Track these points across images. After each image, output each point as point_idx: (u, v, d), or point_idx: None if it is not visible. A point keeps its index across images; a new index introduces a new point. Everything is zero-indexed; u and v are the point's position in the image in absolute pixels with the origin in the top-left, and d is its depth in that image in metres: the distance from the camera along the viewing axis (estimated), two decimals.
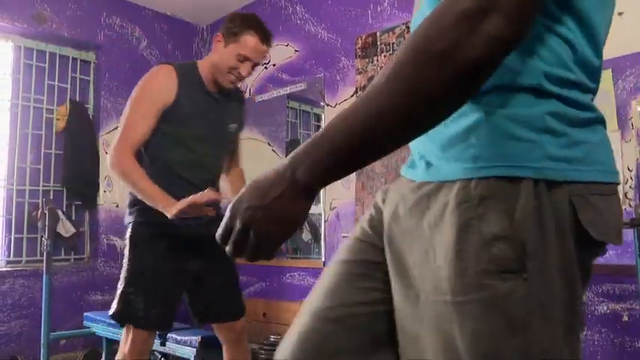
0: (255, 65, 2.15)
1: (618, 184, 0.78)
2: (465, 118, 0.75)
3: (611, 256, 2.68)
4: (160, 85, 2.08)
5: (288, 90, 4.10)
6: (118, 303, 2.11)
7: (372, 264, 0.89)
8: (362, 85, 3.60)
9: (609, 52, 2.58)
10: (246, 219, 0.73)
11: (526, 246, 0.67)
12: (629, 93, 2.55)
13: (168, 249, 2.08)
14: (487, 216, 0.69)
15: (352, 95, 3.67)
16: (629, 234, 2.54)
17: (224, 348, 2.30)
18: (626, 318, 2.51)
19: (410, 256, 0.80)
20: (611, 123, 2.61)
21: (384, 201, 0.92)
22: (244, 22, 2.11)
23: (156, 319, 2.06)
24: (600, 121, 0.79)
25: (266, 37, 2.12)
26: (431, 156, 0.80)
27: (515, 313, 0.67)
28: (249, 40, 2.07)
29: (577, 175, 0.71)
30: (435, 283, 0.74)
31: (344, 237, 3.50)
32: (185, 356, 2.49)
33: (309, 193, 0.72)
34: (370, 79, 3.54)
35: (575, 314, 0.74)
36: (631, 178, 2.61)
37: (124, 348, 2.07)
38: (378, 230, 0.90)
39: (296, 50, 4.04)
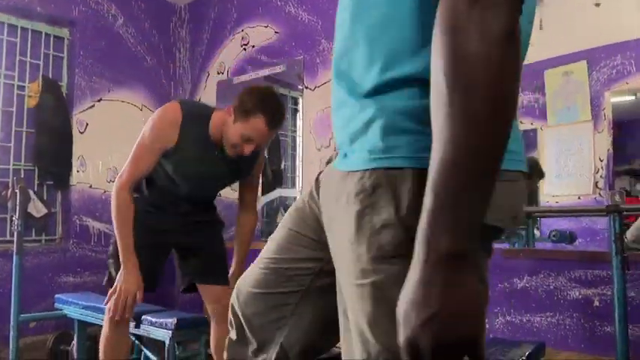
0: (257, 147, 2.17)
1: (519, 171, 0.80)
2: (364, 112, 0.78)
3: (581, 244, 2.73)
4: (163, 130, 2.17)
5: (267, 72, 4.06)
6: (107, 272, 2.36)
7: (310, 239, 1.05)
8: None
9: (584, 43, 2.62)
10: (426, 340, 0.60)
11: (411, 232, 0.65)
12: (603, 84, 2.59)
13: (151, 229, 2.30)
14: (377, 205, 0.74)
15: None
16: (600, 222, 2.60)
17: (212, 325, 2.31)
18: (597, 303, 2.56)
19: (331, 241, 0.88)
20: (585, 113, 2.65)
21: (318, 188, 1.01)
22: (257, 102, 2.08)
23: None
24: None
25: (274, 123, 2.11)
26: (345, 147, 0.84)
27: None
28: (257, 124, 2.07)
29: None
30: (344, 267, 0.81)
31: None
32: (160, 339, 2.46)
33: (466, 260, 0.62)
34: None
35: None
36: (602, 167, 2.65)
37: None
38: (314, 212, 1.02)
39: (276, 32, 3.99)
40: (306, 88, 3.81)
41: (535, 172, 2.75)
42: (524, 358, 1.92)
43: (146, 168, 2.20)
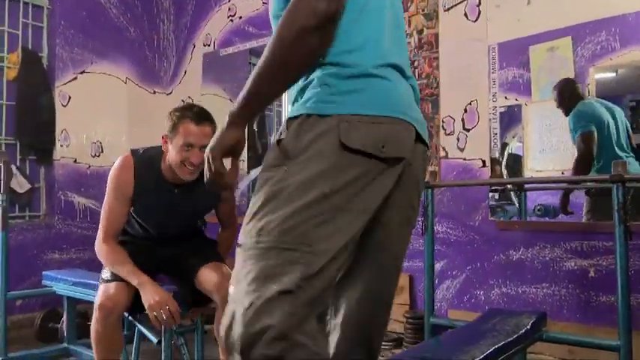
0: (203, 147, 2.09)
1: (382, 115, 1.10)
2: (303, 80, 1.14)
3: (564, 217, 2.75)
4: (120, 177, 2.23)
5: (255, 44, 3.97)
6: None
7: None
8: None
9: (569, 19, 2.63)
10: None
11: (287, 152, 1.08)
12: (588, 60, 2.60)
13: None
14: (282, 136, 1.11)
15: None
16: (581, 196, 2.64)
17: (217, 313, 2.25)
18: (592, 274, 2.58)
19: None
20: None
21: None
22: (178, 113, 2.17)
23: None
24: (369, 75, 1.11)
25: (199, 117, 2.15)
26: (293, 100, 1.19)
27: (274, 189, 1.06)
28: (186, 127, 2.12)
29: (341, 109, 1.08)
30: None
31: None
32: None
33: (233, 125, 1.12)
34: None
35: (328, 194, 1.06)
36: None
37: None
38: None
39: (264, 2, 3.90)
40: None
41: None
42: (528, 327, 1.92)
43: (117, 220, 2.26)
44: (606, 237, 2.50)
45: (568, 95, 2.70)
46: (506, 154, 2.91)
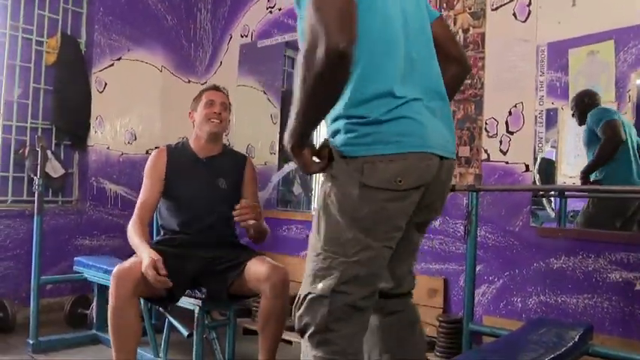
0: (222, 104, 2.57)
1: (398, 153, 1.30)
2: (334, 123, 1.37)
3: None
4: (154, 161, 2.56)
5: (294, 36, 3.91)
6: None
7: None
8: None
9: (612, 22, 2.56)
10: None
11: (335, 178, 1.33)
12: (630, 65, 2.50)
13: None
14: (332, 169, 1.35)
15: None
16: None
17: (262, 300, 2.29)
18: (638, 287, 2.49)
19: None
20: (608, 94, 2.58)
21: None
22: (200, 91, 2.67)
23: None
24: (385, 121, 1.30)
25: (217, 87, 2.67)
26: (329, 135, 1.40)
27: (324, 203, 1.34)
28: (207, 94, 2.60)
29: (364, 151, 1.30)
30: None
31: None
32: (189, 307, 2.39)
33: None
34: None
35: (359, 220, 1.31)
36: None
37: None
38: None
39: None
40: None
41: None
42: (576, 340, 1.85)
43: (150, 199, 2.49)
44: None
45: (588, 101, 2.66)
46: (538, 158, 2.83)
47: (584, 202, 2.82)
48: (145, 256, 2.17)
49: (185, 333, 2.52)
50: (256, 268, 2.30)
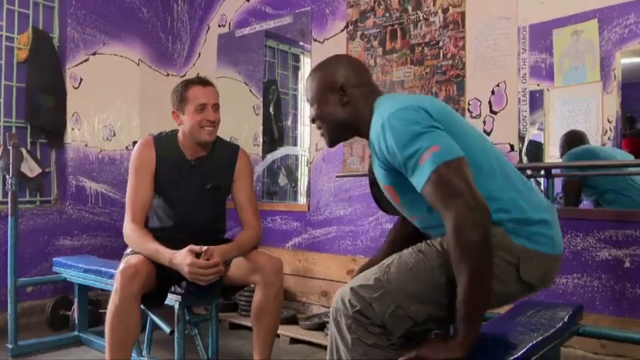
0: (215, 106, 2.28)
1: (550, 253, 1.45)
2: None
3: (585, 205, 2.66)
4: (142, 154, 2.30)
5: (271, 24, 3.84)
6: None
7: None
8: (353, 19, 3.36)
9: (596, 1, 2.51)
10: None
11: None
12: (614, 44, 2.49)
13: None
14: None
15: (342, 30, 3.43)
16: None
17: (256, 291, 2.23)
18: (627, 264, 2.44)
19: None
20: (594, 74, 2.58)
21: None
22: (181, 85, 2.29)
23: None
24: (543, 222, 1.45)
25: (202, 80, 2.31)
26: None
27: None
28: (194, 92, 2.25)
29: (523, 243, 1.40)
30: None
31: (337, 176, 3.33)
32: (169, 304, 2.32)
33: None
34: (363, 12, 3.31)
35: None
36: (610, 129, 2.57)
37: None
38: None
39: None
40: (315, 40, 3.60)
41: None
42: (565, 321, 1.79)
43: (143, 200, 2.28)
44: None
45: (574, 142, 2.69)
46: (526, 140, 2.78)
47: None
48: (180, 260, 2.03)
49: (167, 330, 2.46)
50: (249, 258, 2.23)
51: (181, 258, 2.03)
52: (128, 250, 2.24)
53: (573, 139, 2.67)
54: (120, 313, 2.03)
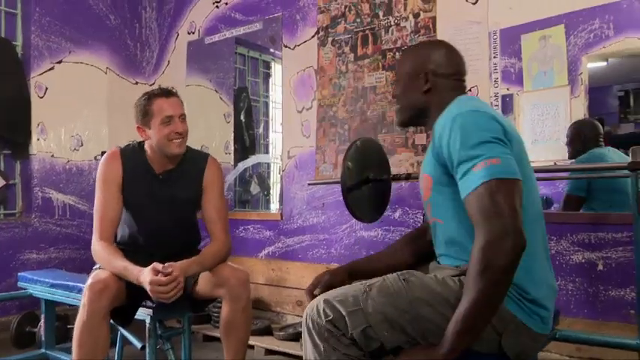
0: (181, 117, 2.21)
1: (539, 333, 1.40)
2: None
3: (556, 208, 2.65)
4: (108, 168, 2.23)
5: (241, 30, 3.80)
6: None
7: None
8: (324, 24, 3.34)
9: (563, 7, 2.55)
10: None
11: None
12: (581, 48, 2.53)
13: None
14: None
15: (313, 36, 3.41)
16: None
17: (223, 305, 2.16)
18: (601, 267, 2.45)
19: None
20: (561, 78, 2.60)
21: None
22: (144, 99, 2.21)
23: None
24: (543, 301, 1.40)
25: (166, 91, 2.22)
26: None
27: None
28: (159, 104, 2.17)
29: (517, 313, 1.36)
30: None
31: (310, 184, 3.29)
32: (140, 317, 2.25)
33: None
34: (333, 18, 3.29)
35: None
36: None
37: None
38: None
39: None
40: (286, 47, 3.57)
41: None
42: None
43: (112, 216, 2.20)
44: (616, 228, 2.38)
45: (584, 138, 2.59)
46: None
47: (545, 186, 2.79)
48: (144, 278, 1.94)
49: (139, 345, 2.38)
50: (214, 272, 2.17)
51: (144, 276, 1.95)
52: (97, 265, 2.16)
53: (581, 136, 2.59)
54: (88, 328, 1.95)
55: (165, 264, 1.99)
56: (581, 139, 2.59)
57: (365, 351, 1.36)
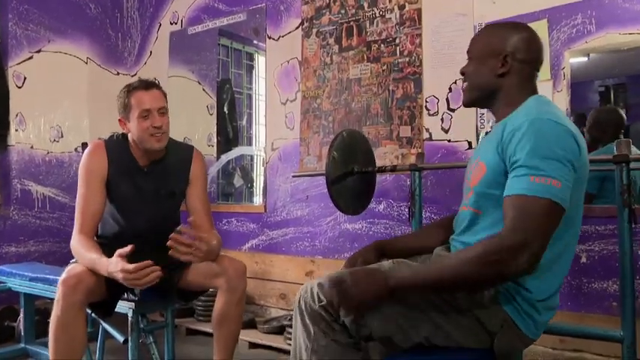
0: (160, 110, 2.16)
1: (529, 338, 1.42)
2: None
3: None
4: (93, 161, 2.16)
5: (224, 21, 3.75)
6: None
7: None
8: (309, 16, 3.31)
9: (546, 1, 2.55)
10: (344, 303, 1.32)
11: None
12: (563, 43, 2.54)
13: None
14: None
15: (297, 27, 3.38)
16: None
17: (218, 296, 2.15)
18: (584, 259, 2.47)
19: None
20: (544, 73, 2.58)
21: None
22: (124, 89, 2.17)
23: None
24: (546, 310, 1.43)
25: (145, 83, 2.18)
26: None
27: None
28: (138, 97, 2.13)
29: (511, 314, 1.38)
30: None
31: (294, 176, 3.27)
32: (122, 311, 2.21)
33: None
34: (318, 9, 3.26)
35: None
36: None
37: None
38: None
39: None
40: (269, 38, 3.53)
41: None
42: None
43: (94, 210, 2.14)
44: (599, 221, 2.40)
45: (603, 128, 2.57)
46: (480, 137, 2.79)
47: None
48: (113, 268, 1.88)
49: (121, 339, 2.35)
50: (211, 262, 2.14)
51: (113, 266, 1.89)
52: (74, 259, 2.12)
53: (601, 126, 2.56)
54: (63, 323, 1.92)
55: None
56: (600, 128, 2.58)
57: (355, 337, 1.36)
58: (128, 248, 1.89)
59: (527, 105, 1.42)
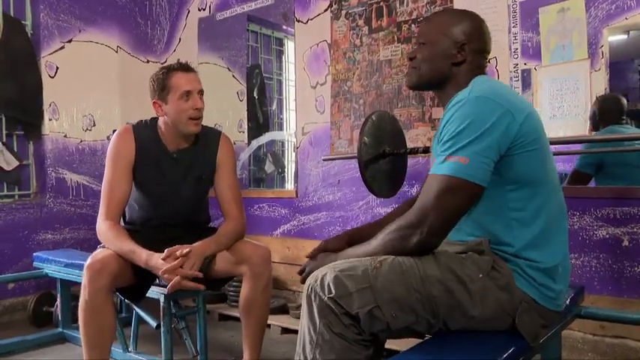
0: (200, 93, 2.15)
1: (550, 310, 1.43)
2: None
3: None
4: (121, 146, 2.15)
5: (252, 6, 3.72)
6: None
7: None
8: None
9: None
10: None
11: None
12: (602, 20, 2.43)
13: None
14: None
15: (326, 10, 3.32)
16: None
17: (243, 283, 2.15)
18: (626, 242, 2.38)
19: None
20: (581, 52, 2.51)
21: None
22: (162, 72, 2.14)
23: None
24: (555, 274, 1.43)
25: (187, 67, 2.17)
26: None
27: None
28: (178, 78, 2.10)
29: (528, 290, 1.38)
30: None
31: (324, 159, 3.23)
32: (154, 297, 2.22)
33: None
34: None
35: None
36: None
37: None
38: None
39: None
40: (298, 21, 3.48)
41: None
42: (567, 303, 1.72)
43: (120, 194, 2.13)
44: None
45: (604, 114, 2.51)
46: None
47: (568, 163, 2.72)
48: (153, 263, 1.93)
49: (153, 324, 2.36)
50: (234, 249, 2.13)
51: (155, 263, 1.92)
52: (101, 245, 2.12)
53: (602, 112, 2.51)
54: (90, 309, 1.94)
55: (184, 251, 1.95)
56: (601, 114, 2.50)
57: (365, 334, 1.32)
58: (185, 251, 1.94)
59: (465, 89, 1.40)
